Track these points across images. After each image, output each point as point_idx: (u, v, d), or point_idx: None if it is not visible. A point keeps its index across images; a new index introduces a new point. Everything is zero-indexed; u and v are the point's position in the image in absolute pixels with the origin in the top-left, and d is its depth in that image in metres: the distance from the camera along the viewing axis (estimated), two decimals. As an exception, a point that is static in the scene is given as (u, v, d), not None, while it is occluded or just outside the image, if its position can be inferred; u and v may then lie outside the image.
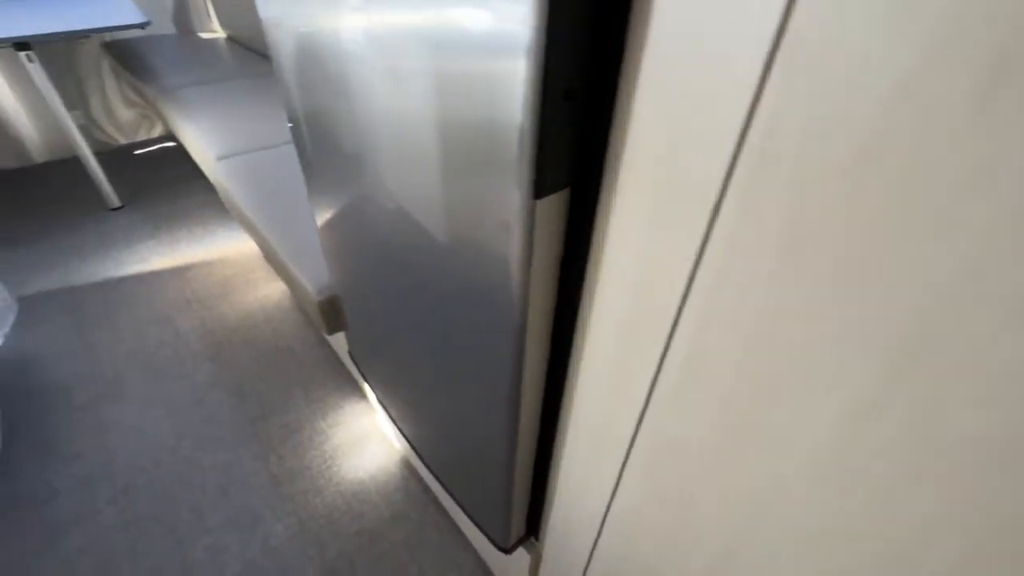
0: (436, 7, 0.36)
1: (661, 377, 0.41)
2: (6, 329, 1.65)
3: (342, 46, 0.57)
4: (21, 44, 1.81)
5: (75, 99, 2.57)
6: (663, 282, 0.36)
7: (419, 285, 0.65)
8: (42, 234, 2.09)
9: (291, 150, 1.61)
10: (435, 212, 0.51)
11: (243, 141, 1.66)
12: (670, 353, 0.38)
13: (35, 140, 2.56)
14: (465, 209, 0.45)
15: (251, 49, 2.56)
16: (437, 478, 0.97)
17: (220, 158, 1.59)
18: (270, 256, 1.30)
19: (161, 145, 2.82)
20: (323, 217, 0.93)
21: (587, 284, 0.44)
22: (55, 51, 2.44)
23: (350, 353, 1.20)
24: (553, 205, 0.39)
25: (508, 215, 0.39)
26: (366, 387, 1.37)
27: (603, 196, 0.38)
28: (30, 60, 1.87)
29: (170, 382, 1.51)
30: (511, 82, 0.32)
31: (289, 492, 1.25)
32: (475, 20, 0.33)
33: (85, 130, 2.58)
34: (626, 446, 0.49)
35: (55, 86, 1.99)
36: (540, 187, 0.37)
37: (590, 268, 0.43)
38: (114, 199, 2.25)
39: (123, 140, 2.80)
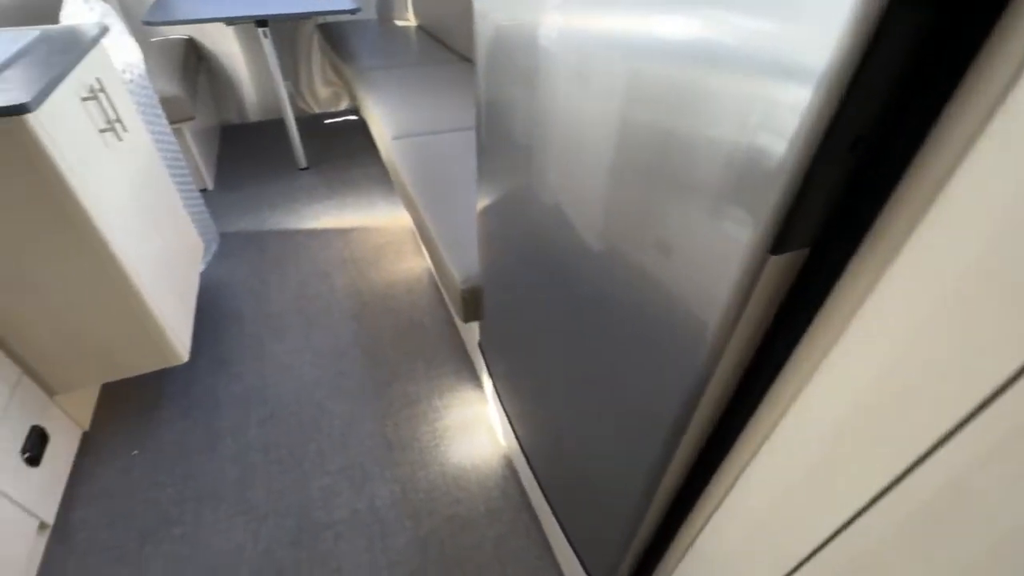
0: (704, 12, 0.32)
1: (889, 505, 0.32)
2: (208, 258, 1.97)
3: (558, 43, 0.56)
4: (261, 21, 2.14)
5: (288, 71, 2.99)
6: (935, 392, 0.28)
7: (580, 302, 0.62)
8: (246, 183, 2.47)
9: (462, 138, 1.69)
10: (625, 232, 0.47)
11: (418, 124, 1.79)
12: (914, 481, 0.30)
13: (253, 102, 3.03)
14: (670, 237, 0.40)
15: (437, 39, 2.75)
16: (544, 492, 0.95)
17: (395, 137, 1.72)
18: (424, 235, 1.37)
19: (346, 118, 3.16)
20: (486, 208, 0.94)
21: (800, 357, 0.38)
22: (282, 28, 2.85)
23: (480, 343, 1.23)
24: (787, 263, 0.33)
25: (730, 261, 0.34)
26: (484, 378, 1.40)
27: (859, 264, 0.31)
28: (265, 36, 2.19)
29: (319, 332, 1.69)
30: (786, 115, 0.27)
31: (398, 459, 1.33)
32: (756, 35, 0.28)
33: (291, 98, 2.99)
34: (797, 560, 0.41)
35: (277, 59, 2.32)
36: (781, 241, 0.31)
37: (810, 340, 0.36)
38: (303, 160, 2.57)
39: (317, 110, 3.19)
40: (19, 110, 0.88)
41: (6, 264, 1.03)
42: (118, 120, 1.25)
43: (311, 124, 3.04)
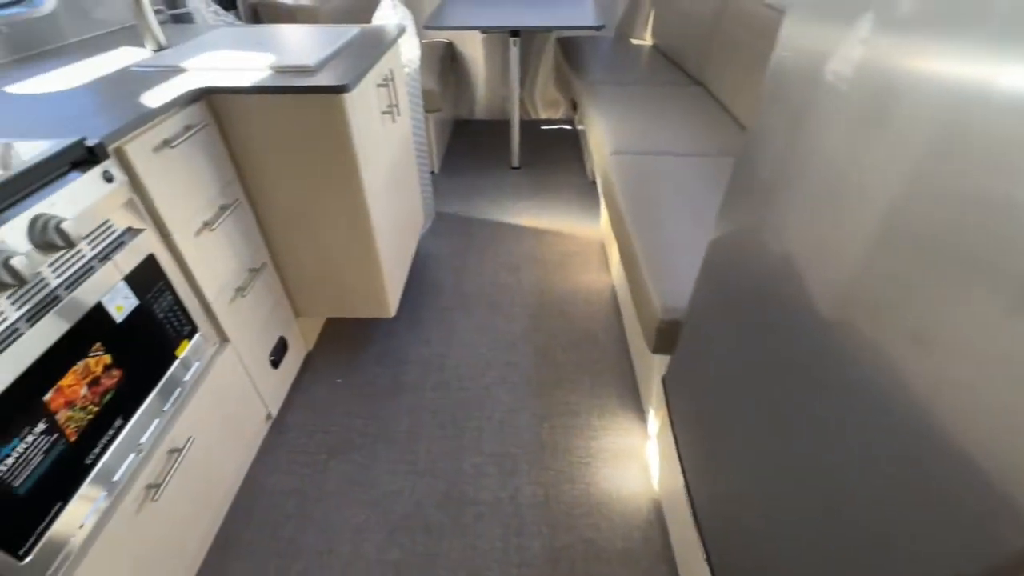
0: None
1: None
2: (423, 231, 2.23)
3: (854, 81, 0.48)
4: (514, 32, 2.35)
5: (523, 77, 3.24)
6: None
7: (809, 378, 0.53)
8: (465, 172, 2.75)
9: (684, 163, 1.62)
10: (888, 315, 0.38)
11: (639, 142, 1.77)
12: None
13: (483, 102, 3.36)
14: (952, 339, 0.31)
15: (671, 59, 2.71)
16: (708, 557, 0.86)
17: (614, 152, 1.73)
18: (627, 255, 1.35)
19: (560, 127, 3.31)
20: (721, 240, 0.88)
21: None
22: (527, 39, 3.09)
23: (664, 379, 1.17)
24: None
25: None
26: (653, 414, 1.32)
27: None
28: (514, 44, 2.40)
29: (499, 319, 1.79)
30: None
31: (548, 463, 1.34)
32: None
33: (520, 102, 3.24)
34: None
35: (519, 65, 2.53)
36: None
37: None
38: (516, 160, 2.76)
39: (536, 116, 3.40)
40: (340, 90, 1.09)
41: (301, 203, 1.29)
42: (396, 105, 1.48)
43: (528, 128, 3.25)
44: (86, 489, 0.81)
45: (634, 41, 3.05)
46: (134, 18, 1.59)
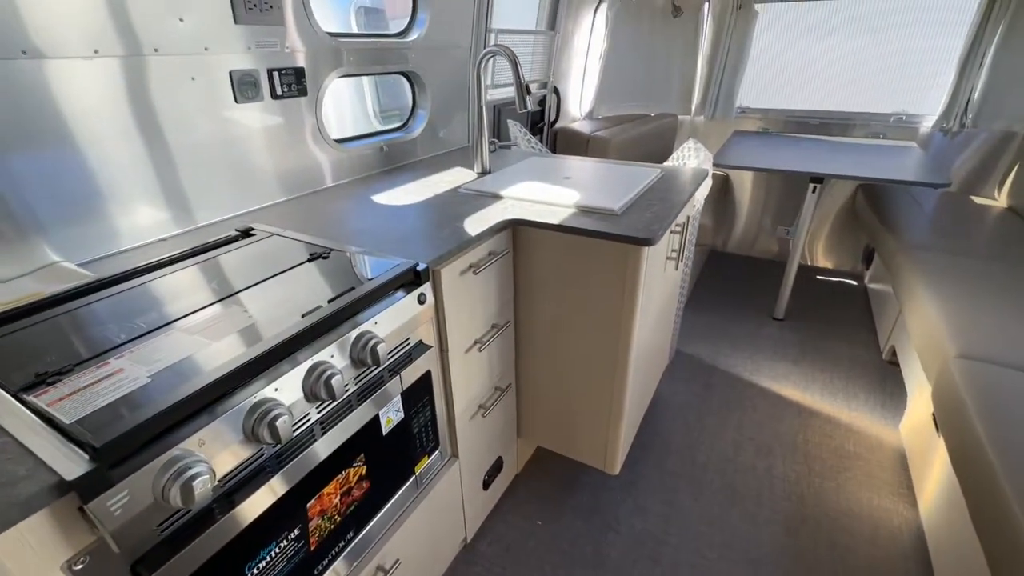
0: None
1: None
2: (662, 370, 2.01)
3: None
4: (816, 178, 2.08)
5: (789, 215, 2.88)
6: None
7: None
8: (715, 310, 2.48)
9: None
10: None
11: (1008, 349, 1.28)
12: None
13: (739, 235, 3.08)
14: None
15: (1039, 230, 2.04)
16: None
17: (963, 356, 1.27)
18: (981, 500, 0.90)
19: (843, 280, 2.79)
20: None
21: None
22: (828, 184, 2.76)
23: None
24: None
25: None
26: None
27: None
28: (813, 191, 2.13)
29: (738, 517, 1.42)
30: None
31: None
32: None
33: (792, 243, 2.87)
34: None
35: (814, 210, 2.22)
36: None
37: None
38: (781, 311, 2.38)
39: (813, 262, 2.95)
40: (645, 243, 1.02)
41: (563, 333, 1.24)
42: (681, 251, 1.37)
43: (800, 274, 2.83)
44: (305, 598, 0.80)
45: (976, 199, 2.43)
46: (469, 142, 1.89)
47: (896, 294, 1.86)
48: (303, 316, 0.73)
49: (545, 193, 1.27)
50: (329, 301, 0.76)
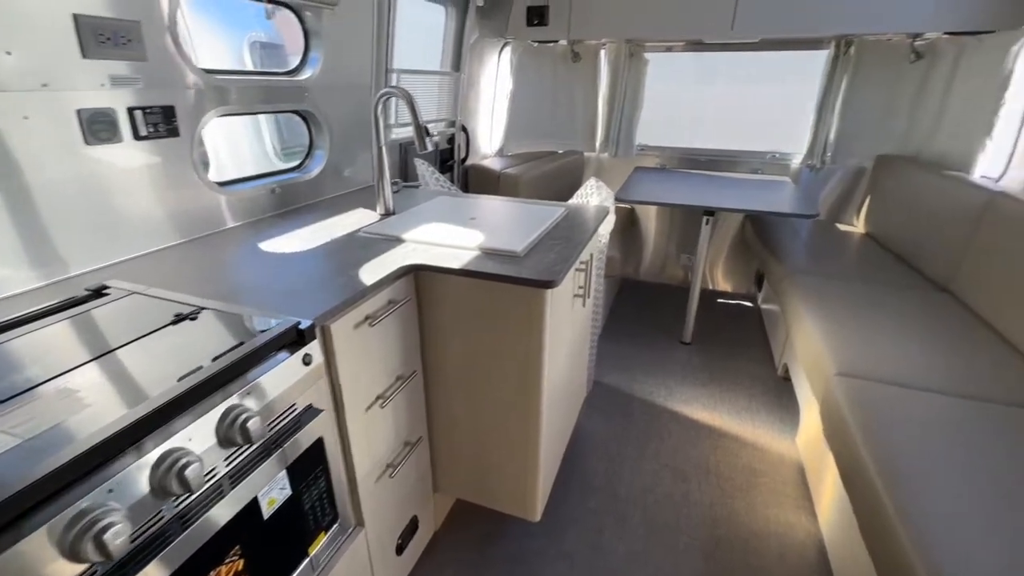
0: None
1: None
2: (580, 403, 2.02)
3: None
4: (708, 211, 2.24)
5: (690, 244, 3.09)
6: None
7: None
8: (629, 338, 2.56)
9: (952, 407, 1.20)
10: None
11: (878, 365, 1.41)
12: None
13: (649, 263, 3.25)
14: None
15: (894, 253, 2.34)
16: None
17: (842, 374, 1.39)
18: (872, 519, 0.96)
19: (740, 302, 3.01)
20: None
21: None
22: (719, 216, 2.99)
23: None
24: None
25: None
26: None
27: None
28: (707, 223, 2.29)
29: (660, 550, 1.42)
30: None
31: None
32: None
33: (687, 269, 3.07)
34: None
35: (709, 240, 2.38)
36: None
37: None
38: (688, 335, 2.51)
39: (714, 286, 3.17)
40: (547, 285, 1.01)
41: (474, 380, 1.19)
42: (587, 287, 1.39)
43: (703, 298, 3.01)
44: None
45: (841, 227, 2.75)
46: (373, 182, 1.82)
47: (784, 316, 2.03)
48: (150, 397, 0.62)
49: (449, 235, 1.24)
50: (183, 377, 0.66)
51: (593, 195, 1.70)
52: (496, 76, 2.68)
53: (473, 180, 2.57)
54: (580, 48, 2.88)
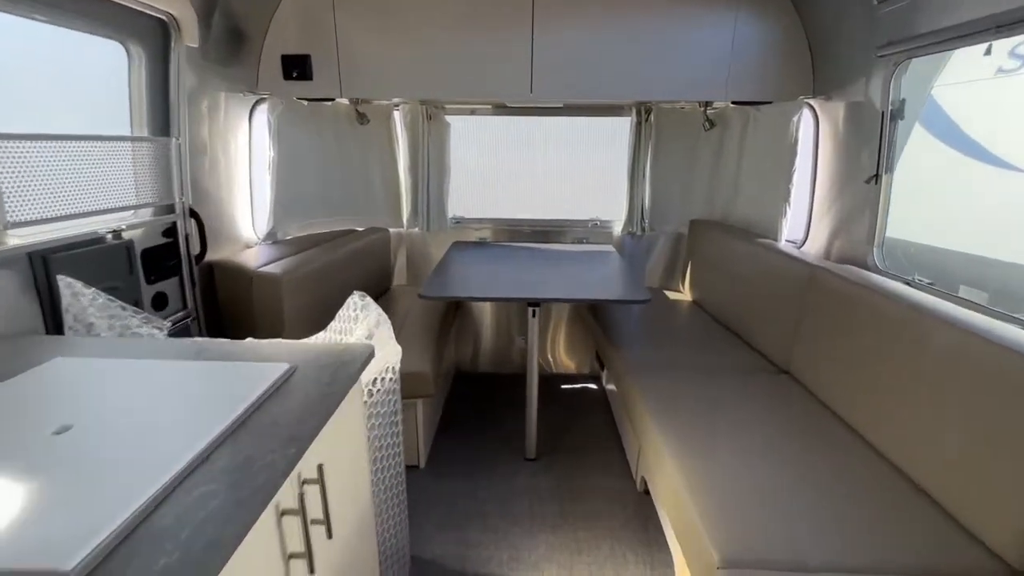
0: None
1: None
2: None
3: None
4: (533, 302, 1.84)
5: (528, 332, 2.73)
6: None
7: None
8: (461, 463, 1.99)
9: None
10: None
11: (758, 547, 1.04)
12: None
13: (488, 354, 2.81)
14: None
15: (719, 321, 2.20)
16: None
17: (725, 567, 0.98)
18: None
19: (585, 385, 2.68)
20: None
21: None
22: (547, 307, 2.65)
23: None
24: None
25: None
26: None
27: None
28: (533, 315, 1.87)
29: None
30: None
31: None
32: None
33: (523, 353, 2.67)
34: None
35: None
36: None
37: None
38: (532, 449, 2.03)
39: (555, 370, 2.81)
40: None
41: None
42: (326, 519, 0.78)
43: (546, 386, 2.61)
44: None
45: (670, 295, 2.61)
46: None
47: (631, 423, 1.66)
48: None
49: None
50: None
51: (359, 321, 1.13)
52: (249, 141, 2.02)
53: (221, 284, 1.82)
54: (367, 109, 2.38)
